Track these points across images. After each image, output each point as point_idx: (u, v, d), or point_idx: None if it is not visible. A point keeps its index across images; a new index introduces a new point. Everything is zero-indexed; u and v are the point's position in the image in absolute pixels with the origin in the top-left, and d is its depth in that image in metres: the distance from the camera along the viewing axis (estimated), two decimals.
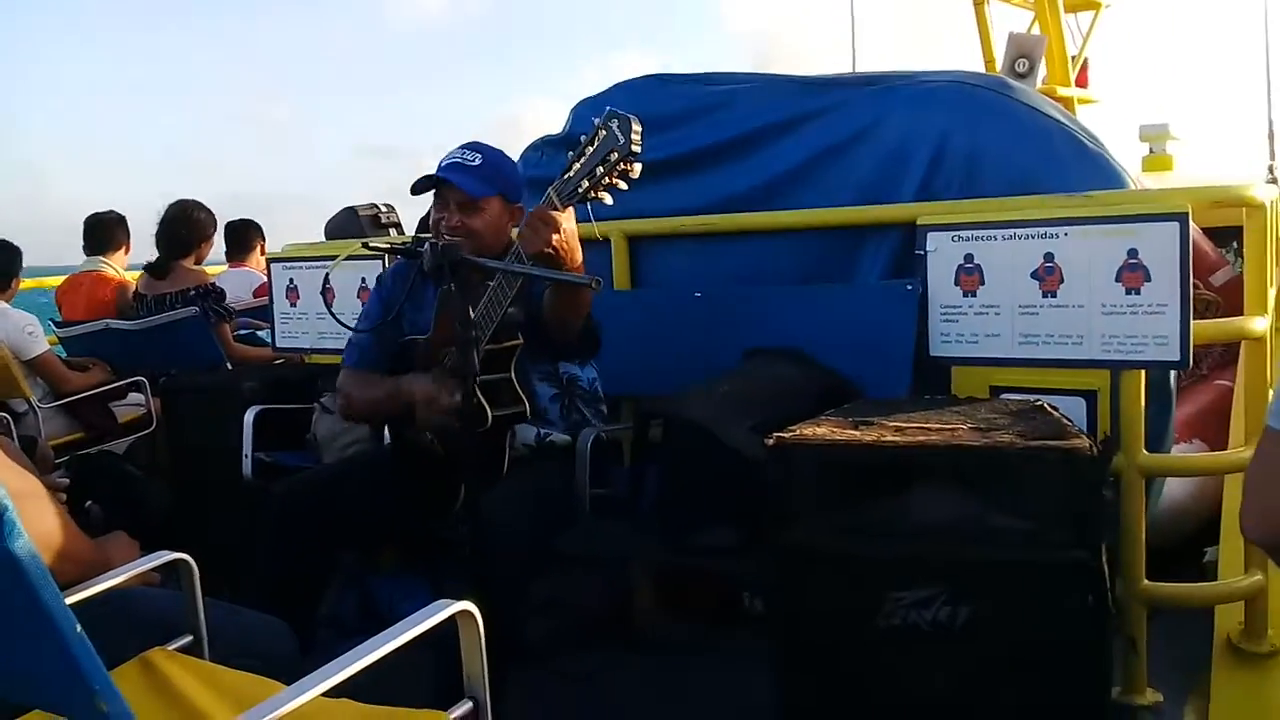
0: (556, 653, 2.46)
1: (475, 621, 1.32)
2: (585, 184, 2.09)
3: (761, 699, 1.88)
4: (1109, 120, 7.37)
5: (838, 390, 2.34)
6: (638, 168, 2.09)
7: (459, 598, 1.34)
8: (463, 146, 2.47)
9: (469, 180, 2.38)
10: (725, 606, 2.80)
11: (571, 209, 2.14)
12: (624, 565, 2.66)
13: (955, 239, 2.44)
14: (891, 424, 1.89)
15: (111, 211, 4.94)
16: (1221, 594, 2.34)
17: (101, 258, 4.81)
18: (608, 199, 2.13)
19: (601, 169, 2.07)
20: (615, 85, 3.31)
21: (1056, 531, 1.69)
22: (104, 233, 4.85)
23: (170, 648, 1.58)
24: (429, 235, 2.48)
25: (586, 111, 3.31)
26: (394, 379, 2.44)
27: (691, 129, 3.07)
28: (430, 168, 2.47)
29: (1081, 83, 6.39)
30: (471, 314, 2.21)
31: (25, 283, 4.39)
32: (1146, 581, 2.25)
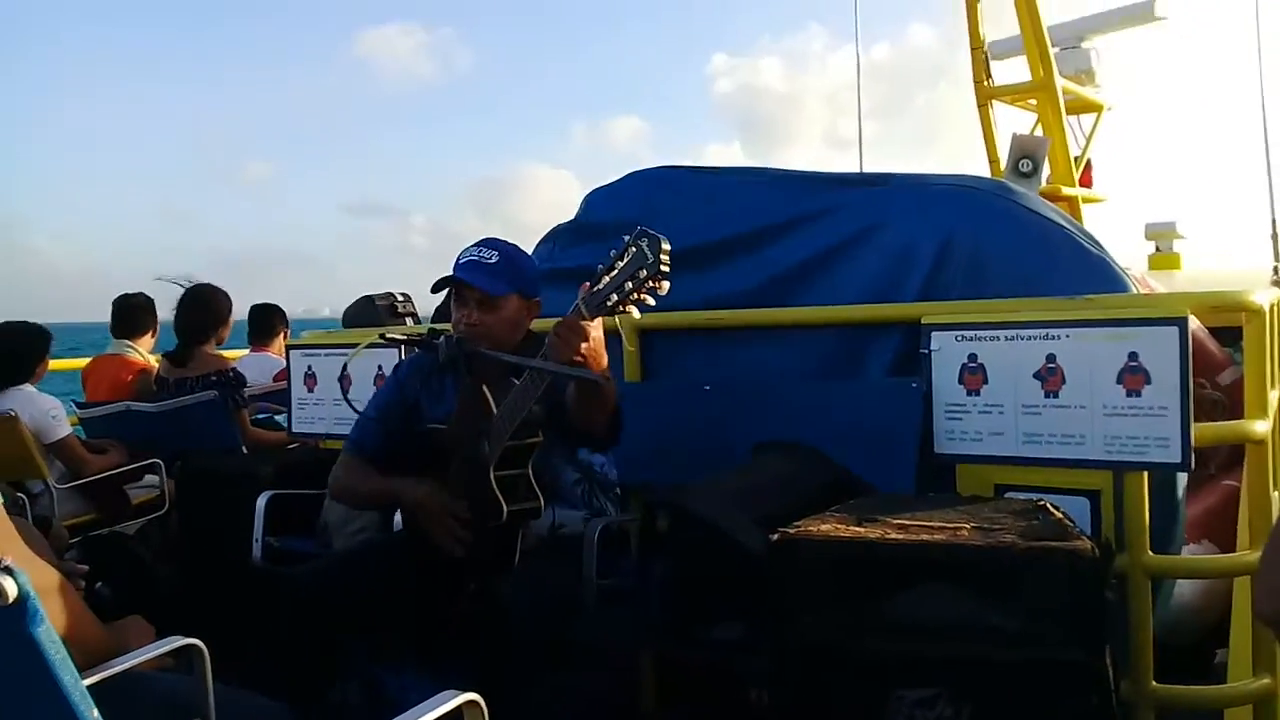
0: None
1: (481, 712, 1.34)
2: (614, 297, 2.16)
3: None
4: (1115, 219, 7.49)
5: (844, 486, 2.36)
6: (666, 286, 2.16)
7: (465, 688, 1.36)
8: (479, 244, 2.54)
9: (487, 279, 2.44)
10: (731, 700, 2.79)
11: (600, 320, 2.20)
12: (630, 656, 2.66)
13: (959, 338, 2.49)
14: (895, 521, 1.91)
15: (141, 294, 5.04)
16: (1230, 696, 2.33)
17: (128, 341, 4.91)
18: (635, 313, 2.20)
19: (630, 284, 2.14)
20: (628, 175, 3.41)
21: (1057, 631, 1.71)
22: (132, 317, 4.96)
23: None
24: (445, 326, 2.55)
25: (598, 200, 3.41)
26: (388, 482, 2.50)
27: (699, 223, 3.14)
28: (416, 226, 2.60)
29: (1086, 182, 6.50)
30: (494, 408, 2.27)
31: (52, 364, 4.47)
32: (1155, 683, 2.24)
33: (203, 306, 4.58)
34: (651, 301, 2.19)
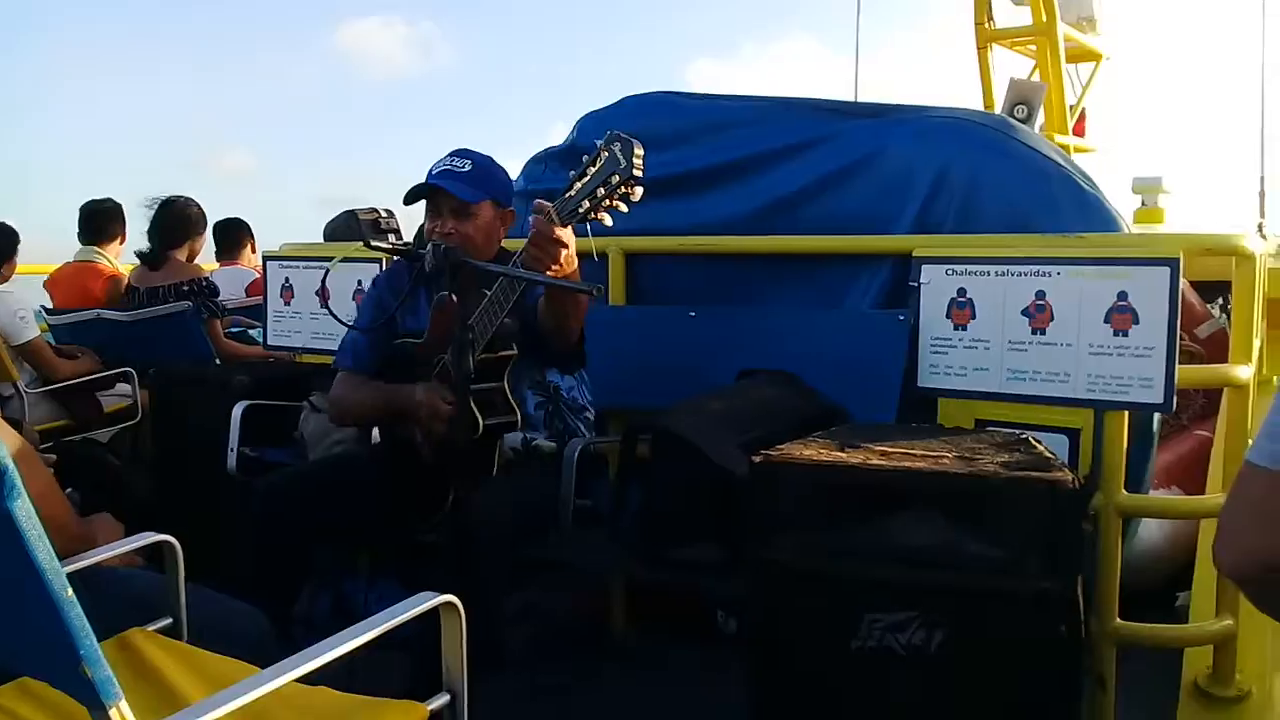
0: (531, 660, 2.47)
1: (458, 615, 1.33)
2: (586, 204, 2.12)
3: (732, 716, 1.89)
4: (1103, 171, 7.45)
5: (826, 414, 2.36)
6: (639, 191, 2.12)
7: None
8: (451, 154, 2.49)
9: (460, 186, 2.40)
10: (699, 623, 2.81)
11: (571, 227, 2.16)
12: (601, 577, 2.67)
13: (949, 273, 2.47)
14: (877, 448, 1.91)
15: (109, 200, 4.89)
16: (1191, 636, 2.36)
17: (96, 248, 4.78)
18: (607, 220, 2.16)
19: (602, 190, 2.10)
20: (624, 99, 3.34)
21: (1033, 561, 1.71)
22: (100, 222, 4.81)
23: (150, 629, 1.59)
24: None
25: (591, 125, 3.34)
26: (390, 387, 2.46)
27: (695, 148, 3.10)
28: (402, 222, 2.49)
29: (1079, 132, 6.48)
30: (469, 319, 2.24)
31: (20, 267, 4.38)
32: (1119, 621, 2.27)
33: (176, 214, 4.49)
34: (624, 208, 2.16)
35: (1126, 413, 2.27)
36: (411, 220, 4.67)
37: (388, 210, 4.24)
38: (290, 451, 2.96)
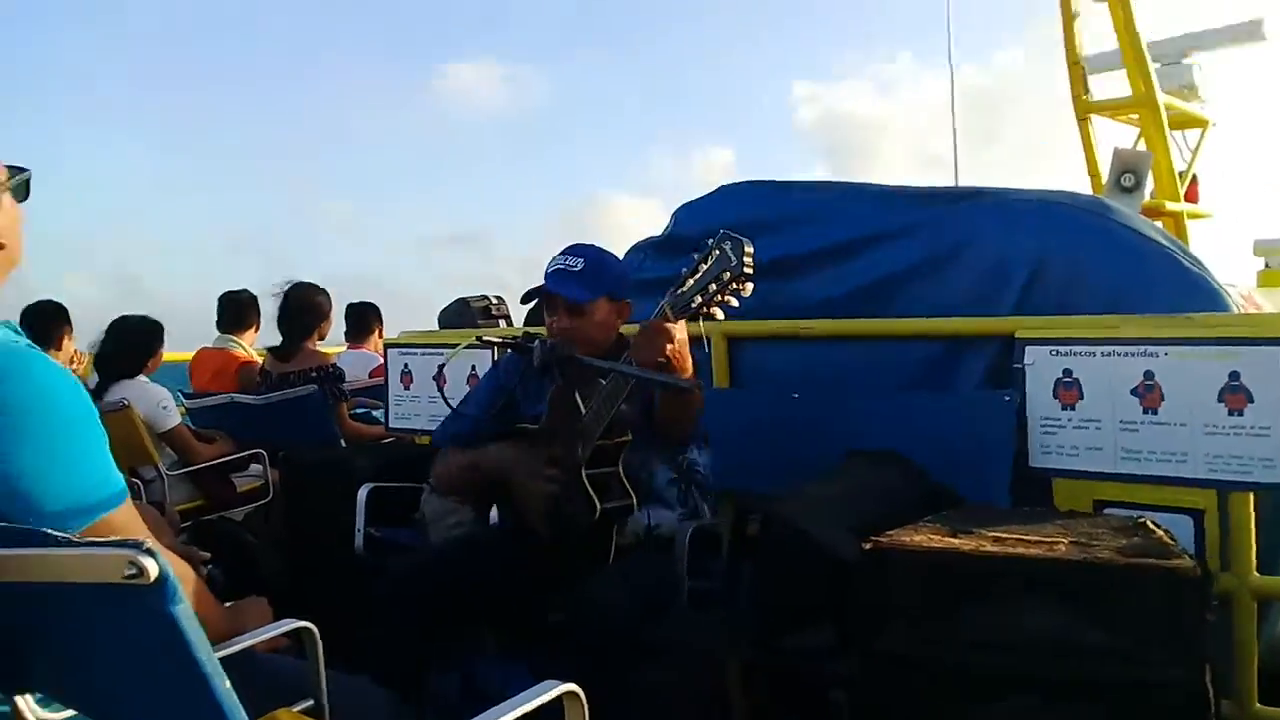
0: None
1: (581, 704, 1.39)
2: (698, 299, 2.20)
3: None
4: (1223, 236, 7.28)
5: (936, 496, 2.36)
6: (749, 287, 2.20)
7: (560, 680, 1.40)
8: (565, 252, 2.56)
9: (574, 287, 2.48)
10: (815, 704, 2.79)
11: (684, 321, 2.24)
12: (715, 658, 2.68)
13: (1054, 353, 2.47)
14: (990, 533, 1.91)
15: (245, 291, 5.25)
16: None
17: (232, 336, 5.12)
18: (719, 315, 2.24)
19: (714, 286, 2.18)
20: (717, 190, 3.45)
21: (1156, 650, 1.69)
22: (237, 312, 5.17)
23: (294, 710, 1.68)
24: (541, 330, 2.61)
25: (686, 215, 3.45)
26: (479, 449, 2.54)
27: (790, 235, 3.18)
28: (499, 255, 2.63)
29: (1191, 198, 6.34)
30: (583, 409, 2.33)
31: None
32: (1259, 706, 2.20)
33: (305, 304, 4.74)
34: (735, 303, 2.23)
35: (1251, 494, 2.23)
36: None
37: (498, 297, 4.42)
38: (412, 532, 3.08)
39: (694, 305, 2.20)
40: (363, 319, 5.67)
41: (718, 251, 2.18)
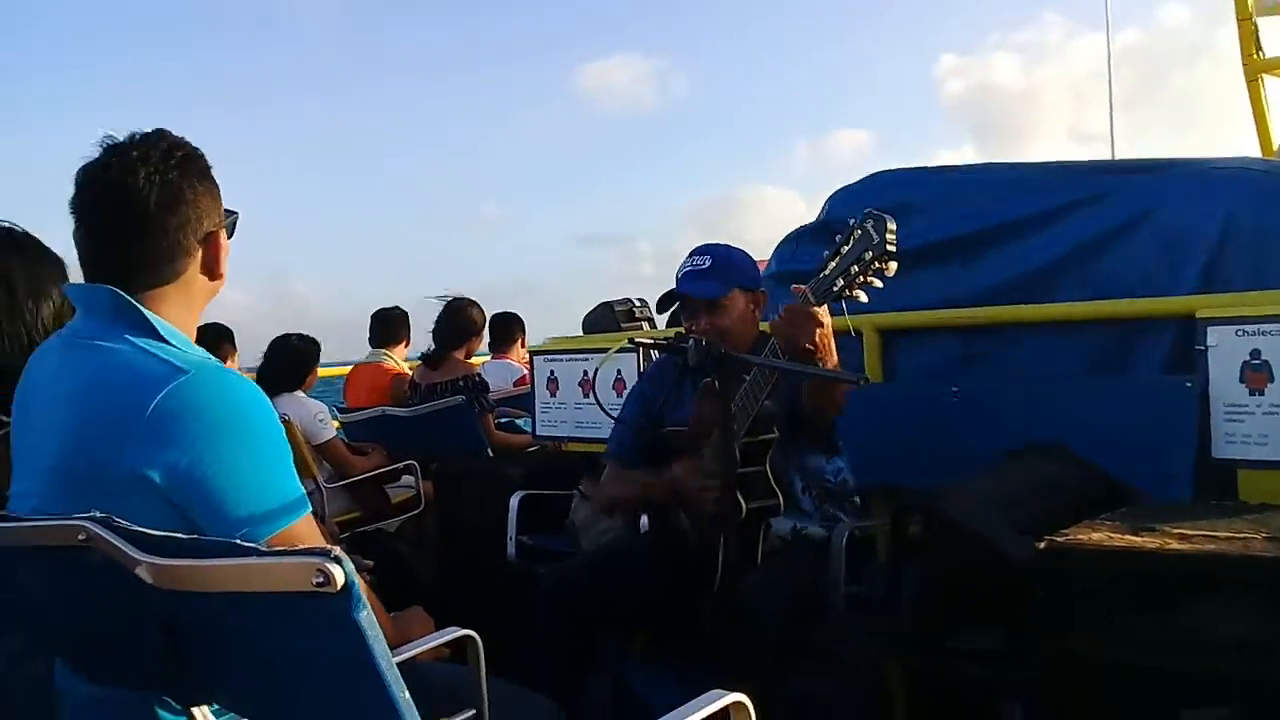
0: None
1: (748, 713, 1.35)
2: (840, 282, 2.13)
3: None
4: None
5: (1111, 492, 2.23)
6: (893, 266, 2.11)
7: (710, 686, 1.36)
8: (692, 253, 2.55)
9: (706, 285, 2.47)
10: (981, 712, 2.68)
11: (826, 305, 2.17)
12: (875, 664, 2.60)
13: (1240, 333, 2.29)
14: (1175, 530, 1.79)
15: (397, 308, 5.45)
16: None
17: (384, 350, 5.30)
18: (863, 297, 2.16)
19: (856, 267, 2.11)
20: (870, 175, 3.35)
21: None
22: (389, 327, 5.37)
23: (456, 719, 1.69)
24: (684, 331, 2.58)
25: (842, 201, 3.35)
26: (649, 480, 2.53)
27: (947, 216, 3.05)
28: (641, 252, 2.60)
29: None
30: (730, 406, 2.28)
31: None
32: None
33: (461, 317, 4.87)
34: (879, 284, 2.15)
35: None
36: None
37: (640, 300, 4.41)
38: (563, 539, 3.09)
39: (836, 288, 2.13)
40: (506, 329, 5.76)
41: (859, 231, 2.11)
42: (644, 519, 2.69)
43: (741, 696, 1.35)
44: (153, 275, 1.54)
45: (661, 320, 4.51)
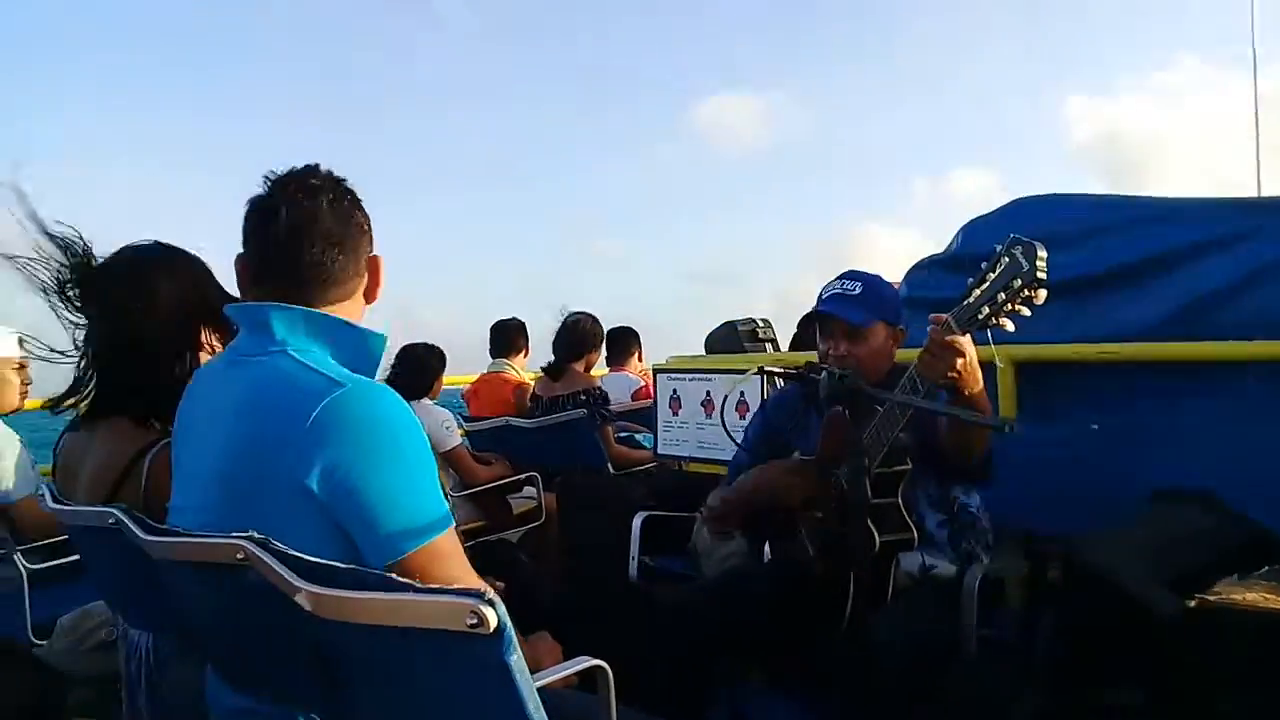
0: None
1: None
2: (986, 310, 2.06)
3: None
4: None
5: (1258, 544, 2.13)
6: (1042, 294, 2.03)
7: None
8: (842, 276, 2.53)
9: (852, 310, 2.43)
10: None
11: (970, 335, 2.11)
12: (1007, 713, 2.53)
13: None
14: None
15: (514, 319, 5.55)
16: None
17: (505, 360, 5.41)
18: (1009, 325, 2.08)
19: (1004, 295, 2.03)
20: (1010, 203, 3.26)
21: None
22: (508, 338, 5.48)
23: None
24: (810, 355, 2.55)
25: (978, 231, 3.28)
26: (749, 478, 2.52)
27: (1093, 249, 2.96)
28: (757, 292, 2.55)
29: None
30: (863, 439, 2.25)
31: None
32: None
33: (578, 331, 4.94)
34: (1027, 312, 2.06)
35: None
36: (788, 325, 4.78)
37: (764, 320, 4.39)
38: (684, 562, 3.09)
39: (981, 316, 2.06)
40: (622, 343, 5.81)
41: (1006, 258, 2.03)
42: (767, 547, 2.67)
43: None
44: (327, 293, 1.64)
45: (785, 336, 4.48)
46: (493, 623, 1.01)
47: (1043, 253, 2.02)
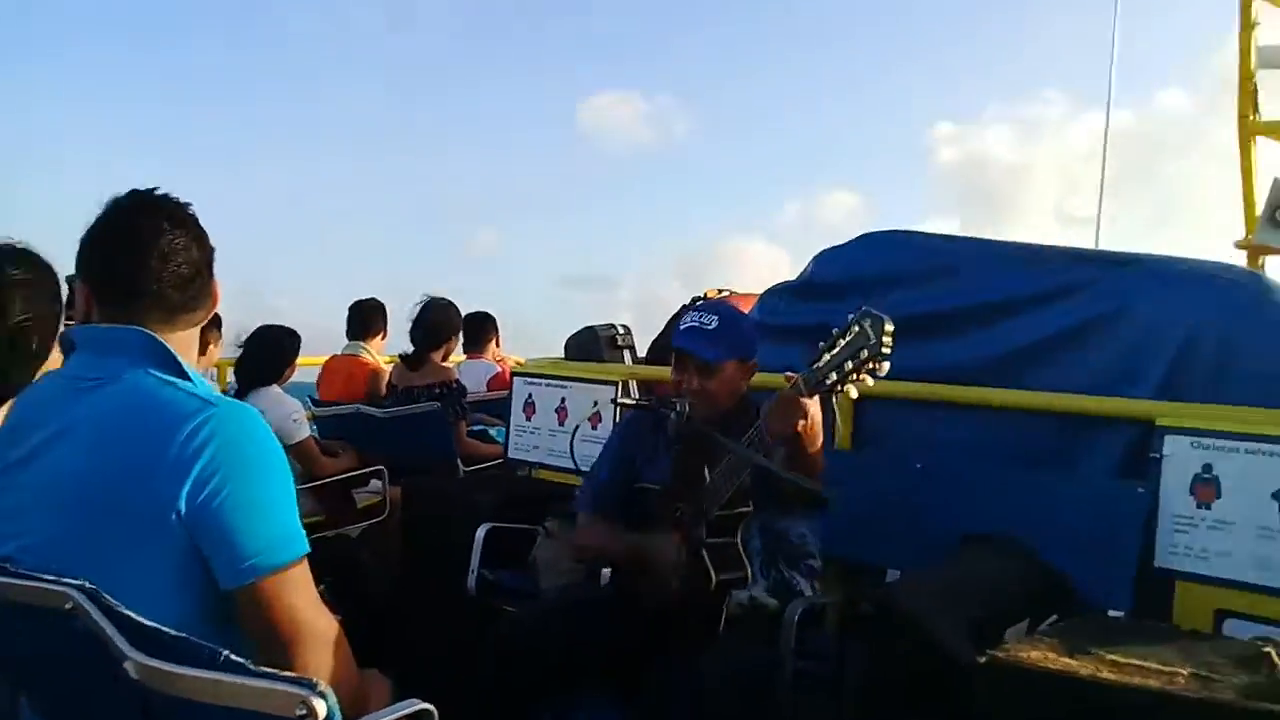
0: None
1: None
2: (833, 376, 2.19)
3: None
4: None
5: (1055, 592, 2.32)
6: (885, 367, 2.17)
7: None
8: (699, 309, 2.62)
9: (705, 347, 2.51)
10: None
11: (817, 398, 2.24)
12: None
13: (1195, 445, 2.39)
14: (1108, 657, 1.86)
15: (373, 299, 5.45)
16: None
17: (361, 343, 5.31)
18: (853, 393, 2.22)
19: (851, 364, 2.16)
20: (859, 236, 3.41)
21: None
22: (365, 319, 5.38)
23: None
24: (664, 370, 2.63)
25: (828, 262, 3.42)
26: (634, 538, 2.59)
27: (933, 289, 3.12)
28: (623, 299, 2.61)
29: None
30: (708, 479, 2.35)
31: None
32: None
33: (439, 319, 4.88)
34: (870, 382, 2.20)
35: None
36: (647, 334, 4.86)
37: (624, 327, 4.46)
38: (525, 576, 3.15)
39: (828, 382, 2.19)
40: (480, 329, 5.79)
41: (856, 328, 2.16)
42: (605, 571, 2.75)
43: None
44: (175, 319, 1.65)
45: (644, 343, 4.57)
46: (320, 714, 1.05)
47: (889, 327, 2.15)
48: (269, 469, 1.55)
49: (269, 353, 4.45)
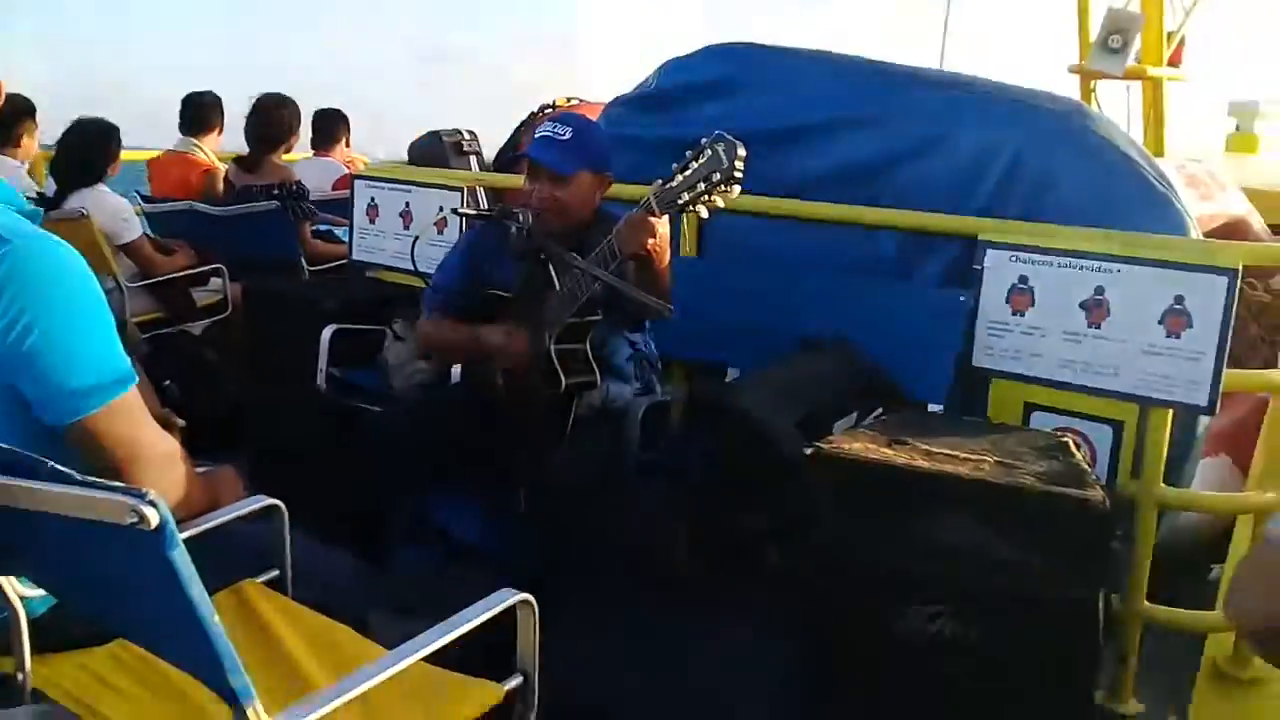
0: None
1: (532, 609, 1.52)
2: (685, 196, 2.22)
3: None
4: (1198, 97, 7.19)
5: (880, 389, 2.49)
6: (736, 190, 2.21)
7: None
8: (553, 119, 2.58)
9: (558, 158, 2.50)
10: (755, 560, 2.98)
11: (667, 217, 2.27)
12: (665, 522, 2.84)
13: (1012, 259, 2.54)
14: (923, 446, 2.03)
15: (209, 93, 5.12)
16: (1213, 623, 2.49)
17: (194, 139, 5.01)
18: (704, 213, 2.27)
19: (703, 185, 2.20)
20: (703, 48, 3.38)
21: (1062, 572, 1.85)
22: (199, 114, 5.06)
23: (260, 580, 1.80)
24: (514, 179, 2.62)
25: (672, 72, 3.40)
26: (472, 329, 2.62)
27: (771, 103, 3.15)
28: (488, 72, 2.56)
29: (1175, 61, 6.24)
30: (557, 285, 2.39)
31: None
32: (1146, 604, 2.41)
33: (273, 116, 4.65)
34: (720, 204, 2.26)
35: (1170, 410, 2.36)
36: (496, 138, 4.74)
37: (470, 132, 4.34)
38: (373, 375, 3.16)
39: (680, 202, 2.23)
40: (330, 126, 5.54)
41: (709, 151, 2.19)
42: (455, 369, 2.79)
43: (527, 596, 1.51)
44: None
45: (491, 149, 4.48)
46: (153, 521, 1.06)
47: (742, 151, 2.18)
48: (78, 303, 1.46)
49: (88, 150, 4.17)
